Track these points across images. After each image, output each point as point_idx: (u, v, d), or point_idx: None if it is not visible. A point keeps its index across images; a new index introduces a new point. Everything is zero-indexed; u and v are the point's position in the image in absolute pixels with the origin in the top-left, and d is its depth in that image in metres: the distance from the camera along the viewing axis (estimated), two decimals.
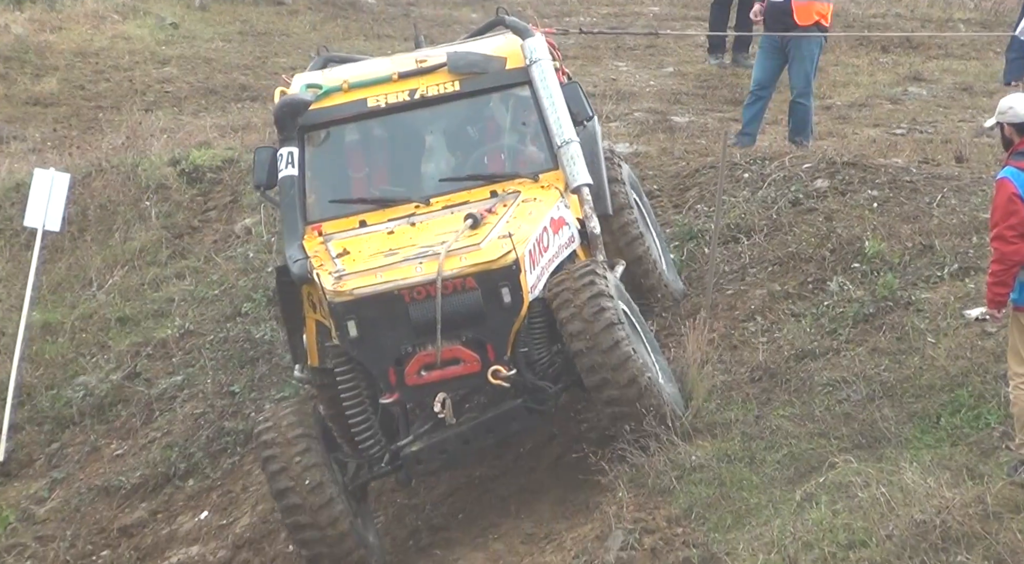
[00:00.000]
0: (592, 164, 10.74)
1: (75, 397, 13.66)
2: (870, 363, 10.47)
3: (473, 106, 10.73)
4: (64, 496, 12.75)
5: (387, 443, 9.82)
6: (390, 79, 10.67)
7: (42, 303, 14.83)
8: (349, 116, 10.63)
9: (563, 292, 9.63)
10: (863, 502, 8.93)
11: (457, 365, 9.54)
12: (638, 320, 10.14)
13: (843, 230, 11.92)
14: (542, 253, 9.88)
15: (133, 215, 15.65)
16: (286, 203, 10.35)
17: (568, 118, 10.55)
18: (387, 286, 9.48)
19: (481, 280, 9.49)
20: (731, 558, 8.90)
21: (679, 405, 9.94)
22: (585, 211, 10.39)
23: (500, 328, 9.54)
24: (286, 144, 10.50)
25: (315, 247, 10.06)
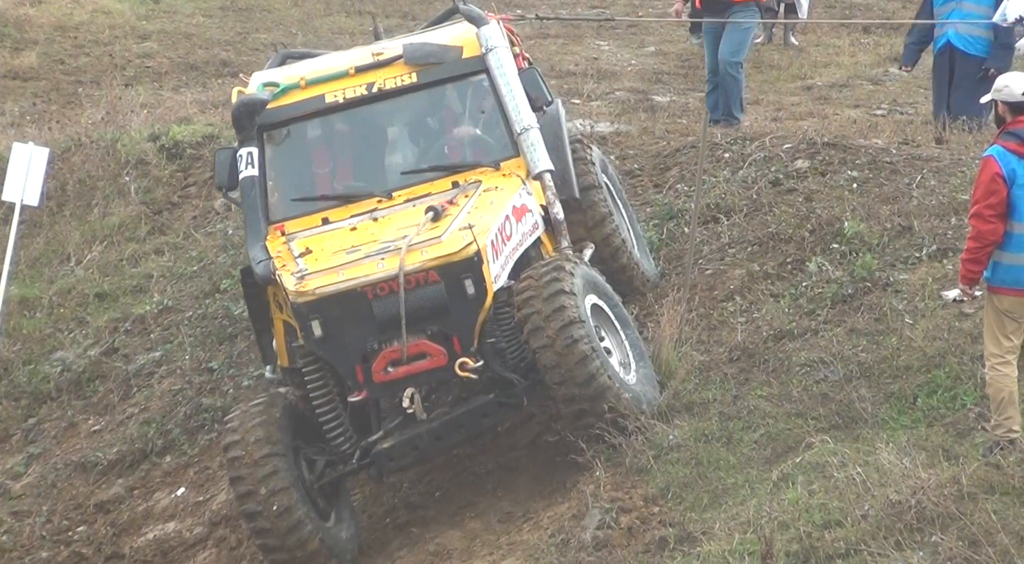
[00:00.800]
0: (557, 148, 10.69)
1: (53, 372, 13.63)
2: (848, 344, 10.48)
3: (431, 97, 10.66)
4: (41, 471, 12.72)
5: (359, 439, 9.77)
6: (347, 74, 10.58)
7: (20, 278, 14.79)
8: (307, 113, 10.54)
9: (526, 289, 9.55)
10: (839, 482, 8.94)
11: (424, 359, 9.48)
12: (615, 311, 10.04)
13: (822, 211, 11.94)
14: (505, 242, 9.81)
15: (112, 190, 15.61)
16: (248, 204, 10.26)
17: (527, 104, 10.48)
18: (350, 284, 9.42)
19: (443, 273, 9.43)
20: (707, 537, 8.91)
21: (651, 400, 9.84)
22: (548, 197, 10.32)
23: (465, 320, 9.49)
24: (245, 144, 10.41)
25: (278, 247, 9.99)
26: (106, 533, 11.77)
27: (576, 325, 9.41)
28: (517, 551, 9.60)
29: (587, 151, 11.24)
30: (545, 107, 10.72)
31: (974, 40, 13.70)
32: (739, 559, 8.49)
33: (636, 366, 9.97)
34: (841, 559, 8.36)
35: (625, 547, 9.15)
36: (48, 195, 14.98)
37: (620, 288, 11.05)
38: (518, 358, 9.79)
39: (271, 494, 9.48)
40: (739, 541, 8.71)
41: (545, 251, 10.41)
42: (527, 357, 9.74)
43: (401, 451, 9.68)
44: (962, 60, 13.70)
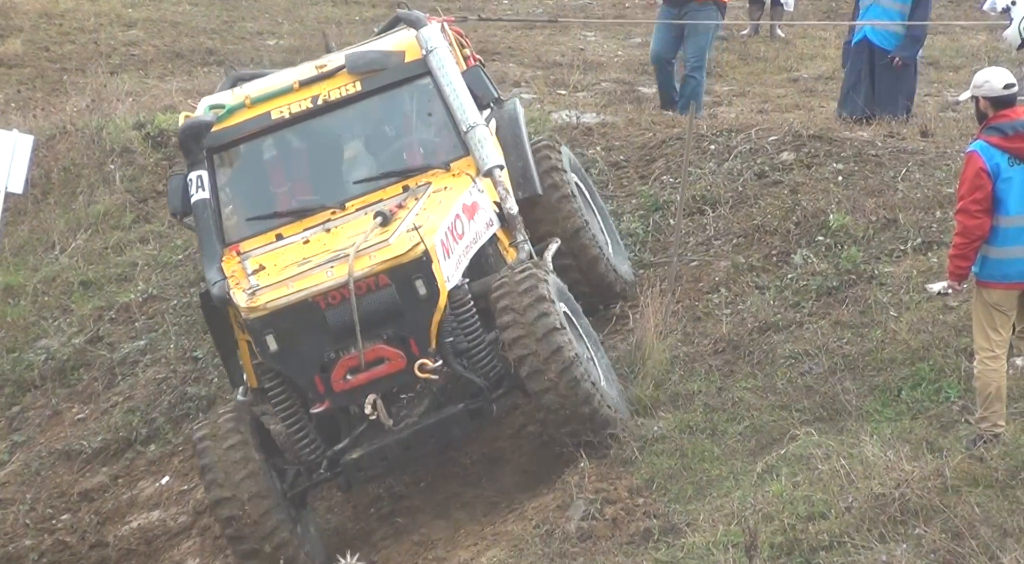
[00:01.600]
0: (516, 147, 10.65)
1: (37, 360, 13.60)
2: (832, 336, 10.50)
3: (378, 104, 10.60)
4: (24, 459, 12.69)
5: (326, 449, 9.71)
6: (291, 89, 10.54)
7: (4, 265, 14.76)
8: (254, 131, 10.48)
9: (503, 296, 9.50)
10: (823, 474, 8.97)
11: (382, 364, 9.43)
12: (580, 321, 10.01)
13: (808, 203, 11.95)
14: (457, 240, 9.75)
15: (97, 178, 15.57)
16: (201, 227, 10.20)
17: (472, 103, 10.42)
18: (300, 295, 9.37)
19: (393, 276, 9.37)
20: (691, 529, 8.93)
21: (622, 408, 9.83)
22: (500, 192, 10.27)
23: (420, 321, 9.43)
24: (194, 168, 10.34)
25: (233, 267, 9.94)
26: (90, 521, 11.76)
27: (559, 332, 9.38)
28: (502, 541, 9.61)
29: (557, 155, 11.14)
30: (493, 104, 10.65)
31: (890, 35, 13.77)
32: (723, 551, 8.51)
33: (605, 379, 9.88)
34: (825, 551, 8.39)
35: (609, 538, 9.16)
36: (32, 183, 14.93)
37: (599, 296, 11.04)
38: (486, 363, 9.70)
39: (241, 480, 9.46)
40: (723, 532, 8.73)
41: (502, 247, 10.35)
42: (496, 363, 9.68)
43: (370, 461, 9.63)
44: (880, 55, 13.78)
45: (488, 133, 10.39)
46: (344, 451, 9.64)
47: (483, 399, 9.72)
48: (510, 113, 10.90)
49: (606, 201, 12.91)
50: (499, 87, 17.21)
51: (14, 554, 11.63)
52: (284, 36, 20.59)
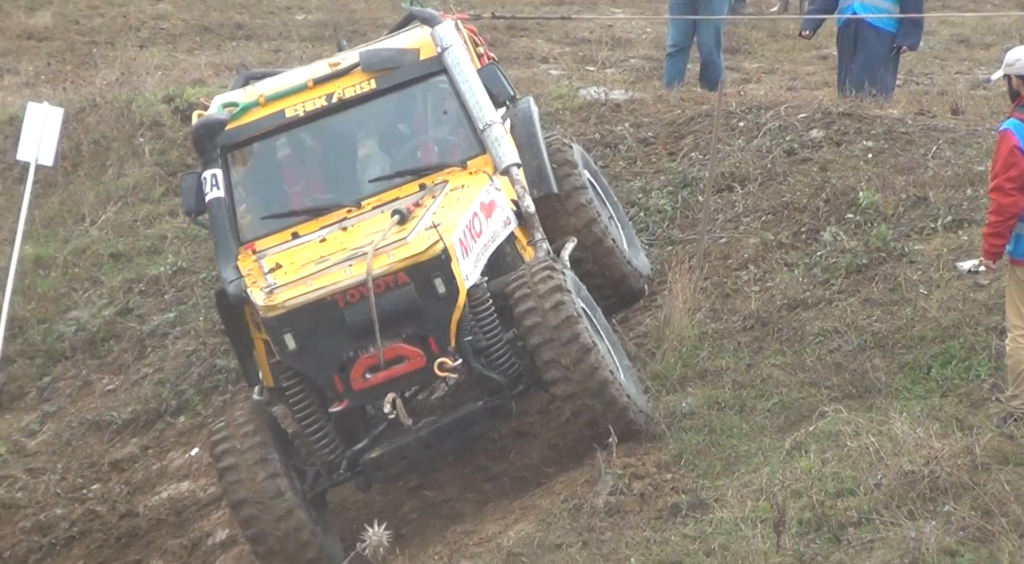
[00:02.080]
0: (530, 145, 10.58)
1: (67, 331, 13.67)
2: (862, 313, 10.50)
3: (392, 102, 10.53)
4: (55, 429, 12.77)
5: (345, 449, 9.65)
6: (306, 87, 10.46)
7: (35, 237, 14.83)
8: (269, 130, 10.41)
9: (520, 287, 9.45)
10: (852, 451, 8.97)
11: (401, 363, 9.34)
12: (597, 316, 9.94)
13: (837, 180, 11.93)
14: (475, 239, 9.70)
15: (127, 151, 15.63)
16: (216, 225, 10.14)
17: (488, 100, 10.35)
18: (319, 293, 9.30)
19: (412, 274, 9.30)
20: (719, 504, 8.94)
21: (641, 402, 9.74)
22: (517, 191, 10.21)
23: (439, 320, 9.36)
24: (209, 166, 10.27)
25: (249, 265, 9.88)
26: (120, 491, 11.83)
27: (577, 320, 9.32)
28: (529, 516, 9.63)
29: (569, 151, 11.07)
30: (509, 102, 10.60)
31: (878, 11, 13.68)
32: (751, 526, 8.53)
33: (623, 373, 9.79)
34: (853, 527, 8.39)
35: (637, 513, 9.18)
36: (62, 155, 15.01)
37: (615, 291, 10.95)
38: (504, 361, 9.65)
39: (262, 480, 9.39)
40: (751, 508, 8.74)
41: (520, 246, 10.30)
42: (515, 361, 9.64)
43: (389, 461, 9.57)
44: (866, 31, 13.67)
45: (504, 131, 10.32)
46: (363, 451, 9.57)
47: (502, 396, 9.65)
48: (524, 111, 10.82)
49: (634, 178, 12.91)
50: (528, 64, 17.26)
51: (45, 522, 11.71)
52: (312, 11, 20.61)
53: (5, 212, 15.46)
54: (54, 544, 11.55)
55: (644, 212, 12.44)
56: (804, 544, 8.34)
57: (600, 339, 9.72)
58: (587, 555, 8.75)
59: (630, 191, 12.70)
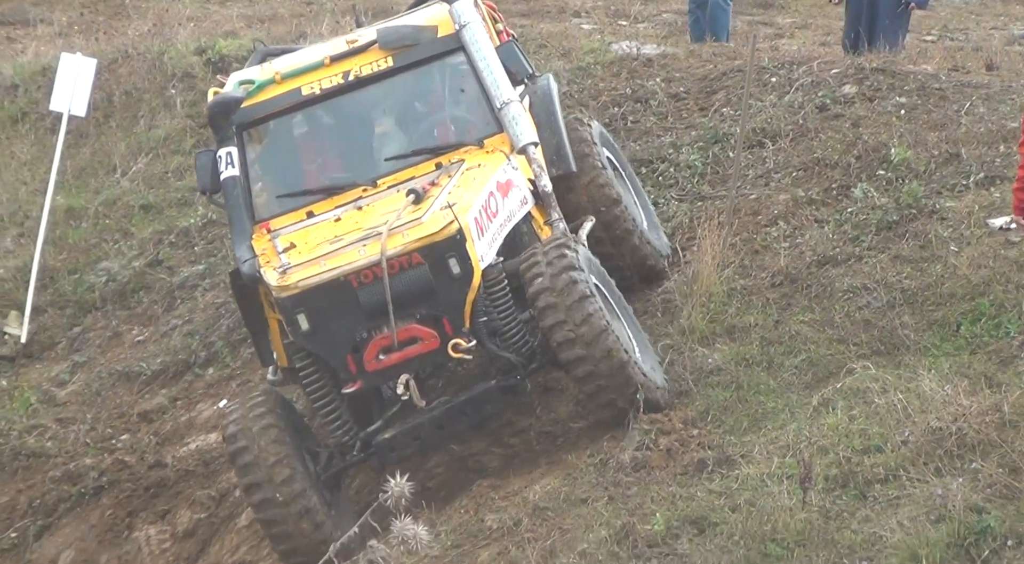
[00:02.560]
0: (549, 123, 10.52)
1: (97, 282, 13.74)
2: (892, 270, 10.46)
3: (410, 80, 10.40)
4: (85, 380, 12.85)
5: (359, 430, 9.58)
6: (322, 64, 10.34)
7: (66, 188, 14.88)
8: (285, 107, 10.31)
9: (533, 266, 9.36)
10: (880, 408, 8.96)
11: (415, 344, 9.27)
12: (612, 294, 9.85)
13: (869, 137, 11.88)
14: (491, 219, 9.61)
15: (158, 103, 15.66)
16: (231, 204, 10.06)
17: (506, 78, 10.22)
18: (333, 273, 9.22)
19: (427, 254, 9.22)
20: (746, 460, 8.94)
21: (658, 378, 9.65)
22: (534, 170, 10.11)
23: (454, 300, 9.29)
24: (224, 144, 10.19)
25: (263, 245, 9.81)
26: (149, 442, 11.89)
27: (590, 300, 9.24)
28: (555, 470, 9.66)
29: (587, 129, 10.94)
30: (527, 80, 10.49)
31: None
32: (778, 482, 8.52)
33: (640, 351, 9.70)
34: (880, 484, 8.38)
35: (663, 469, 9.18)
36: (95, 106, 15.03)
37: (633, 272, 10.84)
38: (520, 340, 9.58)
39: (280, 484, 9.31)
40: (778, 465, 8.74)
41: (536, 225, 10.21)
42: (529, 340, 9.58)
43: (403, 441, 9.50)
44: None
45: (522, 110, 10.23)
46: (377, 432, 9.52)
47: (516, 376, 9.58)
48: (543, 89, 10.74)
49: (665, 133, 12.87)
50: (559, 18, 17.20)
51: (75, 472, 11.79)
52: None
53: (37, 162, 15.53)
54: (83, 493, 11.62)
55: (674, 168, 12.41)
56: (830, 500, 8.34)
57: (616, 317, 9.64)
58: (612, 510, 8.77)
59: (660, 146, 12.67)
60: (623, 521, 8.52)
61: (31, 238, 14.23)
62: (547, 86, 10.80)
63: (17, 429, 12.27)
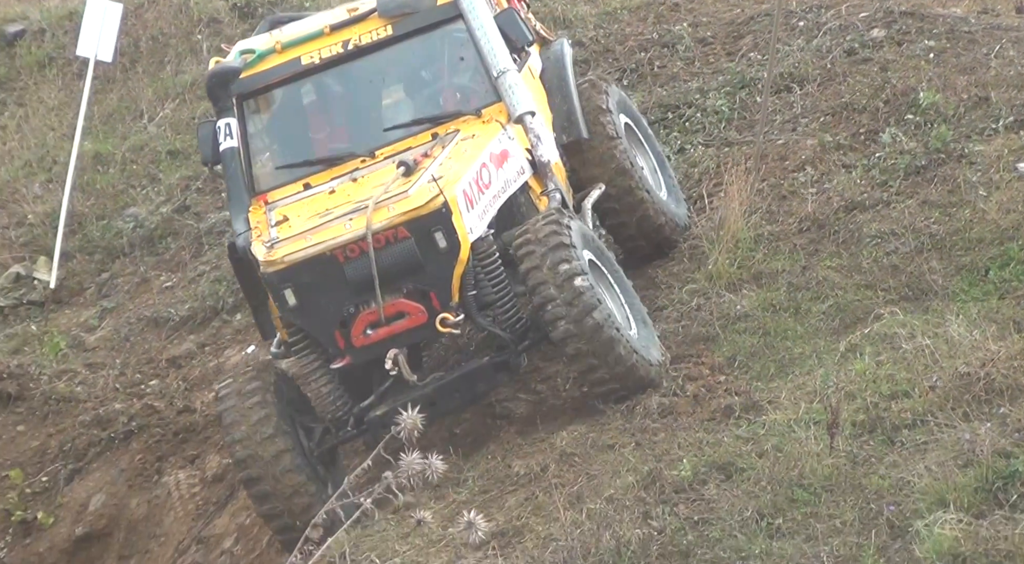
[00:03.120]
0: (560, 88, 10.40)
1: (125, 228, 13.77)
2: (920, 215, 10.43)
3: (409, 48, 10.27)
4: (114, 325, 12.90)
5: (353, 406, 9.49)
6: (322, 33, 10.21)
7: (93, 133, 14.90)
8: (284, 77, 10.19)
9: (525, 244, 9.25)
10: (907, 354, 8.95)
11: (403, 319, 9.16)
12: (609, 268, 9.72)
13: (898, 81, 11.81)
14: (482, 191, 9.46)
15: (185, 48, 15.64)
16: (230, 176, 9.95)
17: (503, 47, 10.05)
18: (318, 248, 9.12)
19: (412, 228, 9.09)
20: (773, 406, 8.95)
21: (654, 353, 9.48)
22: (530, 140, 9.94)
23: (441, 275, 9.18)
24: (223, 115, 10.07)
25: (258, 218, 9.73)
26: (178, 387, 11.95)
27: (580, 278, 9.12)
28: (582, 416, 9.67)
29: (604, 96, 10.75)
30: (527, 48, 10.34)
31: None
32: (805, 428, 8.53)
33: (635, 325, 9.59)
34: (908, 429, 8.38)
35: (690, 415, 9.19)
36: (121, 51, 15.02)
37: (648, 242, 10.70)
38: (512, 314, 9.46)
39: (272, 459, 9.24)
40: (805, 410, 8.74)
41: (534, 195, 10.04)
42: (523, 315, 9.46)
43: (395, 418, 9.48)
44: None
45: (519, 78, 10.04)
46: (369, 408, 9.44)
47: (509, 352, 9.48)
48: (556, 54, 10.62)
49: (692, 78, 12.82)
50: None
51: (104, 416, 11.85)
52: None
53: (65, 108, 15.54)
54: (113, 438, 11.69)
55: (701, 113, 12.36)
56: (857, 446, 8.34)
57: (612, 292, 9.54)
58: (639, 455, 8.79)
59: (687, 91, 12.62)
60: (650, 467, 8.54)
61: (59, 184, 14.26)
62: (560, 51, 10.68)
63: (47, 374, 12.34)
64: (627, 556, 7.84)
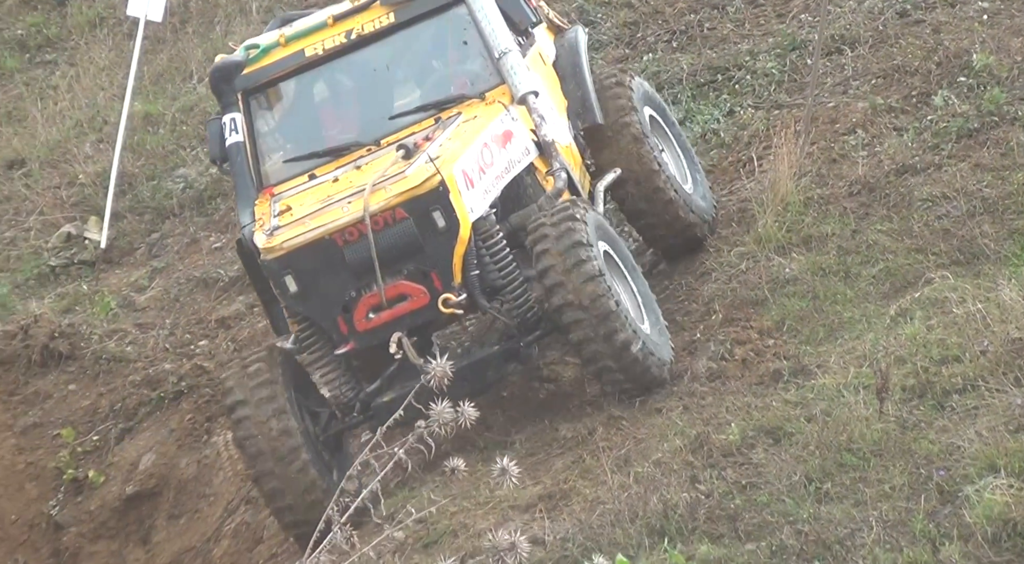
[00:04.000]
0: (574, 74, 10.31)
1: (175, 188, 13.82)
2: (972, 179, 10.36)
3: (412, 35, 10.17)
4: (164, 285, 12.96)
5: (361, 391, 9.43)
6: (325, 24, 10.14)
7: (143, 93, 14.94)
8: (289, 70, 10.12)
9: (540, 239, 9.12)
10: (958, 318, 8.91)
11: (405, 301, 9.08)
12: (624, 259, 9.58)
13: (951, 42, 11.71)
14: (483, 170, 9.36)
15: (234, 8, 15.64)
16: (236, 170, 9.88)
17: (504, 28, 9.96)
18: (316, 233, 9.07)
19: (410, 208, 9.02)
20: (822, 371, 8.93)
21: (664, 350, 9.35)
22: (534, 120, 9.80)
23: (441, 254, 9.09)
24: (228, 111, 10.00)
25: (263, 210, 9.66)
26: (227, 348, 11.98)
27: (598, 280, 9.00)
28: None
29: (627, 91, 10.59)
30: (531, 29, 10.23)
31: None
32: (854, 393, 8.51)
33: (647, 317, 9.48)
34: (958, 394, 8.36)
35: (739, 379, 9.19)
36: (171, 11, 15.04)
37: (673, 238, 10.53)
38: (520, 296, 9.32)
39: (278, 444, 9.20)
40: (854, 375, 8.72)
41: (540, 176, 9.90)
42: (531, 298, 9.31)
43: (401, 405, 9.36)
44: None
45: (521, 59, 9.94)
46: (376, 393, 9.38)
47: (519, 340, 9.33)
48: (571, 41, 10.53)
49: (742, 40, 12.75)
50: None
51: (154, 376, 11.92)
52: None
53: (115, 68, 15.58)
54: (163, 398, 11.77)
55: (751, 75, 12.30)
56: (907, 411, 8.32)
57: (624, 281, 9.43)
58: (688, 419, 8.79)
59: (737, 54, 12.55)
60: (698, 431, 8.54)
61: (110, 144, 14.31)
62: (575, 38, 10.59)
63: (98, 333, 12.42)
64: (674, 519, 7.85)
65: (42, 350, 12.26)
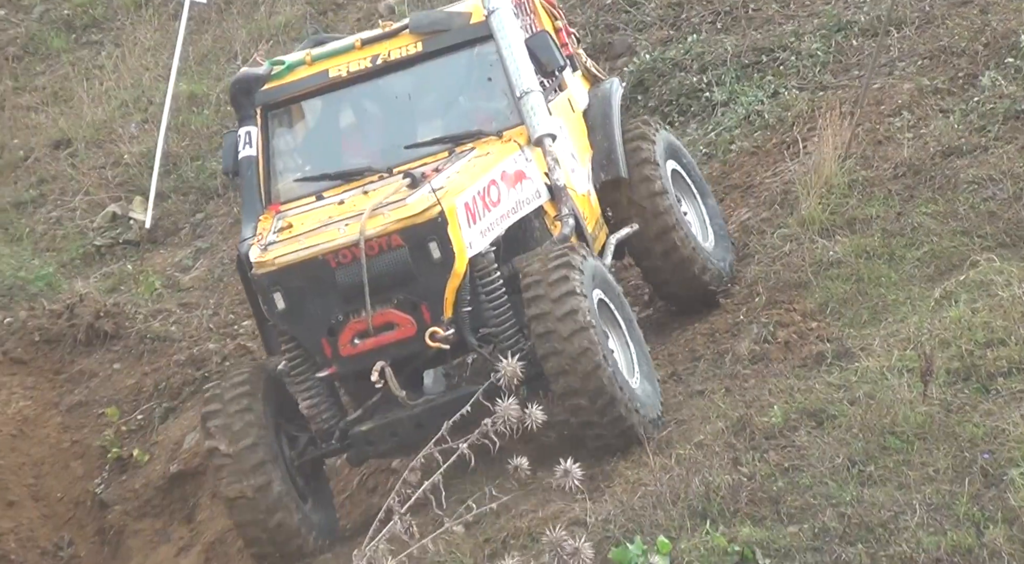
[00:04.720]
0: (603, 125, 10.23)
1: (219, 169, 13.86)
2: (1019, 161, 10.30)
3: (437, 67, 10.05)
4: (208, 266, 13.01)
5: (341, 418, 9.28)
6: (353, 47, 10.05)
7: (188, 74, 15.00)
8: (311, 89, 10.02)
9: (533, 284, 8.92)
10: (1004, 301, 8.86)
11: (391, 330, 8.88)
12: (619, 307, 9.34)
13: (998, 23, 11.64)
14: (488, 207, 9.20)
15: None
16: (245, 184, 9.82)
17: (529, 68, 9.80)
18: (310, 252, 8.89)
19: (406, 236, 8.84)
20: (865, 353, 8.90)
21: (653, 404, 9.06)
22: (548, 163, 9.65)
23: (433, 286, 8.90)
24: (244, 123, 9.93)
25: (265, 225, 9.53)
26: None
27: (590, 332, 8.74)
28: (675, 361, 9.68)
29: (650, 145, 10.44)
30: (558, 72, 10.06)
31: None
32: (898, 376, 8.48)
33: (639, 369, 9.23)
34: (1003, 377, 8.31)
35: (782, 361, 9.17)
36: None
37: (692, 295, 10.35)
38: (510, 338, 9.08)
39: (251, 468, 9.08)
40: (898, 358, 8.68)
41: (549, 220, 9.71)
42: (522, 342, 9.06)
43: (380, 435, 9.11)
44: None
45: (542, 100, 9.80)
46: (356, 422, 9.21)
47: None
48: (605, 92, 10.45)
49: (787, 21, 12.70)
50: None
51: (198, 356, 11.98)
52: None
53: (160, 48, 15.65)
54: (207, 377, 11.81)
55: (796, 56, 12.26)
56: (951, 394, 8.28)
57: (617, 330, 9.23)
58: (730, 401, 8.78)
59: (782, 35, 12.51)
60: (740, 413, 8.53)
61: (155, 124, 14.38)
62: (609, 90, 10.49)
63: (143, 313, 12.49)
64: (716, 502, 7.84)
65: (87, 329, 12.34)
